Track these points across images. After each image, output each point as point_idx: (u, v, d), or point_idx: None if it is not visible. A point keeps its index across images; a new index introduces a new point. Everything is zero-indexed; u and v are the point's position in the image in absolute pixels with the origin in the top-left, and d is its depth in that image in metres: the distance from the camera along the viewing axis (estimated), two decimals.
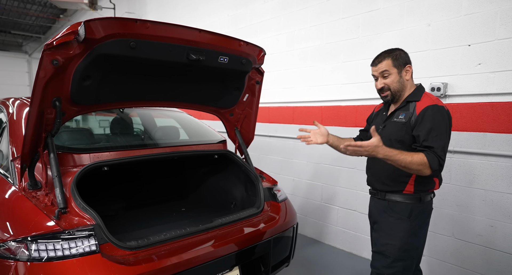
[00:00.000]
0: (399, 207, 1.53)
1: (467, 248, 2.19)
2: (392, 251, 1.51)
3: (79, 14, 9.41)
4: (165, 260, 1.41)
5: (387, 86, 1.55)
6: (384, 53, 1.57)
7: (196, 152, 2.07)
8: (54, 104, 1.38)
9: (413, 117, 1.48)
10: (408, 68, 1.56)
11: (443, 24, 2.22)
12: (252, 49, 1.80)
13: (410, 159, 1.38)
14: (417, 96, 1.54)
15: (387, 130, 1.58)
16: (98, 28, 1.26)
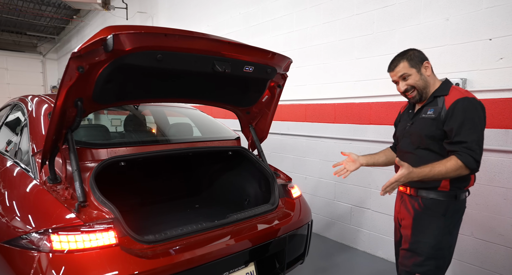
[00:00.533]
0: (433, 204, 1.48)
1: (487, 248, 2.13)
2: (424, 249, 1.47)
3: (92, 14, 9.57)
4: (182, 255, 1.42)
5: (411, 86, 1.52)
6: (398, 56, 1.55)
7: (210, 149, 2.07)
8: (76, 104, 1.40)
9: (443, 111, 1.45)
10: (426, 64, 1.52)
11: (463, 18, 2.17)
12: (280, 59, 1.76)
13: (445, 169, 1.37)
14: (444, 90, 1.50)
15: (416, 126, 1.55)
16: (127, 41, 1.25)
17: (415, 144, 1.54)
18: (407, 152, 1.58)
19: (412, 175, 1.37)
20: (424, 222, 1.49)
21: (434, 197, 1.48)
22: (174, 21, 5.58)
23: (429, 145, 1.49)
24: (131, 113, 2.56)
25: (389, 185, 1.36)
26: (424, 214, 1.50)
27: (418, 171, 1.38)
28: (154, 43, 1.32)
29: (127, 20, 6.96)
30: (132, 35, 1.25)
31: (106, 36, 1.22)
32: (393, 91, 2.63)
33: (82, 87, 1.34)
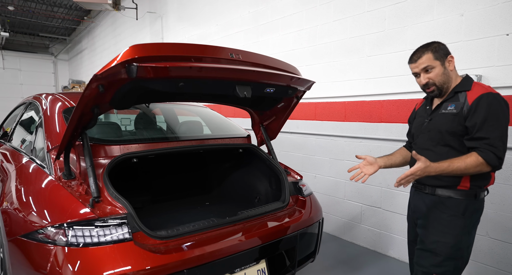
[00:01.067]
0: (452, 203, 1.45)
1: (503, 248, 2.09)
2: (443, 249, 1.43)
3: (102, 15, 9.70)
4: (194, 251, 1.42)
5: (432, 80, 1.47)
6: (422, 47, 1.50)
7: (221, 146, 2.08)
8: (93, 110, 1.41)
9: (466, 107, 1.41)
10: (450, 58, 1.48)
11: (478, 13, 2.12)
12: (303, 82, 1.74)
13: (464, 165, 1.33)
14: (466, 86, 1.46)
15: (436, 122, 1.51)
16: (151, 70, 1.22)
17: (434, 141, 1.50)
18: (425, 149, 1.53)
19: (429, 169, 1.33)
20: (443, 222, 1.45)
21: (454, 196, 1.45)
22: (184, 21, 5.61)
23: (449, 141, 1.45)
24: (141, 111, 2.59)
25: (404, 177, 1.33)
26: (443, 213, 1.46)
27: (436, 165, 1.34)
28: (178, 74, 1.30)
29: (136, 20, 7.03)
30: (157, 66, 1.22)
31: (129, 61, 1.17)
32: (405, 89, 2.60)
33: (101, 98, 1.35)
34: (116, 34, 8.88)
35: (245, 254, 1.58)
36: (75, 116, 1.36)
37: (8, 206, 1.61)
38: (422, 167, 1.32)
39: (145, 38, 7.04)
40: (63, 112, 1.95)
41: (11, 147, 2.34)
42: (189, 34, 5.46)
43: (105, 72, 1.20)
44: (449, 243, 1.42)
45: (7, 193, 1.71)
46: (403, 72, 2.60)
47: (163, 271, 1.32)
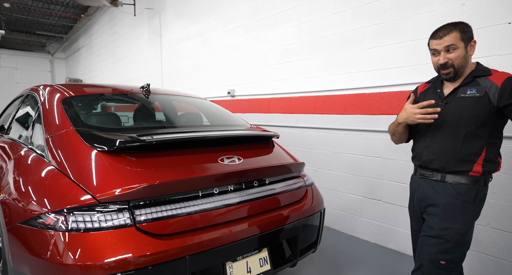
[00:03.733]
0: (465, 189, 1.43)
1: (504, 238, 2.09)
2: (454, 236, 1.40)
3: (99, 13, 9.65)
4: (196, 237, 1.40)
5: (451, 62, 1.43)
6: (450, 25, 1.44)
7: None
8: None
9: (493, 89, 1.38)
10: (473, 43, 1.45)
11: (480, 2, 2.12)
12: (297, 166, 2.01)
13: None
14: (486, 71, 1.45)
15: (454, 106, 1.46)
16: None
17: (452, 125, 1.45)
18: (439, 133, 1.49)
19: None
20: (456, 208, 1.43)
21: (465, 182, 1.43)
22: (182, 17, 5.59)
23: (469, 126, 1.42)
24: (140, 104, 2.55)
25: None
26: (456, 200, 1.43)
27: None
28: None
29: (134, 16, 6.99)
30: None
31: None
32: (406, 80, 2.59)
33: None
34: (113, 32, 8.83)
35: (247, 242, 1.57)
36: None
37: (6, 196, 1.58)
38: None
39: (143, 35, 7.00)
40: (62, 102, 1.93)
41: (10, 139, 2.31)
42: (188, 30, 5.43)
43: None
44: (461, 229, 1.41)
45: (6, 184, 1.68)
46: (404, 63, 2.60)
47: (165, 258, 1.30)
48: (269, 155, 1.97)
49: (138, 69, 7.40)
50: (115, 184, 1.36)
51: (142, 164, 1.50)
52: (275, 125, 3.82)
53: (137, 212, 1.32)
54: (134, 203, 1.34)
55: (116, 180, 1.39)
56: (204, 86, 5.16)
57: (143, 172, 1.46)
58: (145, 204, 1.35)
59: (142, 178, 1.41)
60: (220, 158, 1.68)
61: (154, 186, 1.37)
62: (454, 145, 1.44)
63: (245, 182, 1.67)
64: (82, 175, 1.41)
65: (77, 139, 1.58)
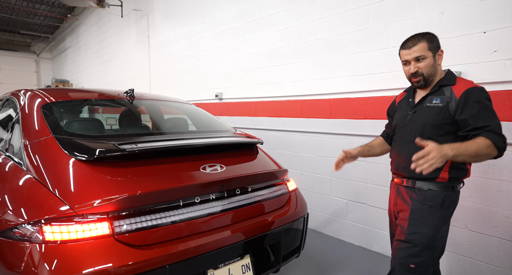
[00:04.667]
0: (432, 195, 1.48)
1: (481, 240, 2.15)
2: (422, 240, 1.45)
3: (87, 13, 9.50)
4: (177, 245, 1.40)
5: (421, 70, 1.48)
6: (418, 35, 1.50)
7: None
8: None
9: (453, 101, 1.42)
10: (441, 52, 1.51)
11: (457, 11, 2.18)
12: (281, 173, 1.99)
13: (475, 145, 1.28)
14: (451, 80, 1.49)
15: (420, 115, 1.52)
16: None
17: (417, 133, 1.51)
18: (408, 141, 1.56)
19: (444, 149, 1.23)
20: (423, 213, 1.48)
21: (433, 188, 1.48)
22: (170, 19, 5.55)
23: (432, 135, 1.47)
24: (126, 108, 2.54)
25: (423, 164, 1.21)
26: (423, 205, 1.49)
27: (448, 145, 1.26)
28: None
29: (122, 17, 6.92)
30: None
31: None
32: (389, 86, 2.64)
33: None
34: (101, 32, 8.71)
35: (229, 249, 1.57)
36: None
37: None
38: (435, 146, 1.23)
39: (131, 36, 6.93)
40: (42, 107, 1.89)
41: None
42: (176, 33, 5.41)
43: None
44: (428, 234, 1.45)
45: None
46: (387, 69, 2.65)
47: (144, 267, 1.29)
48: (253, 162, 1.98)
49: (126, 71, 7.32)
50: (94, 195, 1.35)
51: (123, 174, 1.49)
52: (262, 128, 3.84)
53: (116, 223, 1.31)
54: (114, 213, 1.33)
55: (95, 190, 1.37)
56: (192, 89, 5.14)
57: (123, 182, 1.45)
58: (125, 215, 1.34)
59: (122, 188, 1.40)
60: (202, 166, 1.68)
61: (134, 197, 1.36)
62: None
63: (227, 190, 1.68)
64: (60, 185, 1.39)
65: (56, 147, 1.56)
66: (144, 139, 1.80)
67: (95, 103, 2.56)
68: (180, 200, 1.51)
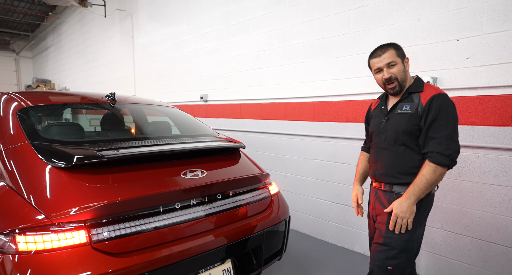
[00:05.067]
0: None
1: (455, 240, 2.23)
2: (399, 243, 1.51)
3: (69, 11, 9.28)
4: (156, 252, 1.40)
5: (395, 76, 1.53)
6: (384, 45, 1.57)
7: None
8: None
9: (420, 107, 1.49)
10: (407, 60, 1.58)
11: (433, 19, 2.25)
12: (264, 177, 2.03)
13: (424, 178, 1.44)
14: (419, 87, 1.55)
15: (393, 122, 1.58)
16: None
17: (392, 140, 1.57)
18: (383, 148, 1.62)
19: (406, 203, 1.45)
20: None
21: None
22: (155, 20, 5.50)
23: (405, 141, 1.53)
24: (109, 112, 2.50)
25: (395, 226, 1.48)
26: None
27: (407, 194, 1.46)
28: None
29: (105, 17, 6.80)
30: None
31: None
32: (370, 89, 2.70)
33: None
34: (84, 32, 8.53)
35: (210, 254, 1.58)
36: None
37: None
38: (397, 205, 1.47)
39: (115, 36, 6.82)
40: (18, 112, 1.85)
41: None
42: (160, 33, 5.35)
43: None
44: (405, 236, 1.50)
45: None
46: (368, 73, 2.70)
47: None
48: (234, 167, 1.99)
49: (110, 71, 7.20)
50: (71, 203, 1.33)
51: (102, 180, 1.48)
52: (247, 130, 3.86)
53: (93, 231, 1.30)
54: (91, 221, 1.32)
55: (73, 198, 1.36)
56: (177, 90, 5.11)
57: (102, 189, 1.44)
58: (102, 223, 1.33)
59: (100, 195, 1.39)
60: (183, 172, 1.68)
61: (112, 205, 1.35)
62: (396, 159, 1.54)
63: (208, 195, 1.69)
64: (36, 193, 1.36)
65: (32, 154, 1.53)
66: (124, 144, 1.79)
67: (74, 108, 2.51)
68: (160, 207, 1.51)
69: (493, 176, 2.04)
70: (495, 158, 2.03)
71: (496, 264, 2.06)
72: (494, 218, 2.05)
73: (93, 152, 1.54)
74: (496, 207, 2.04)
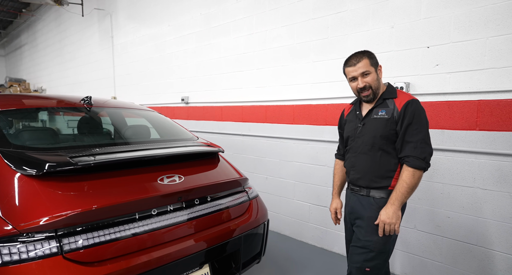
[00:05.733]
0: (384, 202, 1.58)
1: (427, 239, 2.32)
2: (377, 246, 1.55)
3: (45, 9, 8.97)
4: (132, 260, 1.39)
5: (369, 84, 1.59)
6: (358, 53, 1.62)
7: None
8: None
9: (396, 112, 1.55)
10: (380, 67, 1.64)
11: (405, 26, 2.34)
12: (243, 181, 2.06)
13: (404, 183, 1.49)
14: (393, 94, 1.61)
15: (369, 127, 1.62)
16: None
17: (369, 145, 1.61)
18: (360, 153, 1.65)
19: (391, 209, 1.50)
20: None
21: (385, 196, 1.58)
22: (135, 20, 5.40)
23: (382, 145, 1.58)
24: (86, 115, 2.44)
25: (388, 229, 1.51)
26: (377, 212, 1.58)
27: (392, 201, 1.50)
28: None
29: (82, 16, 6.62)
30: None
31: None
32: (347, 94, 2.77)
33: None
34: (61, 30, 8.26)
35: (187, 259, 1.58)
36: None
37: None
38: (383, 212, 1.51)
39: (94, 36, 6.65)
40: None
41: None
42: (141, 34, 5.27)
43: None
44: (382, 239, 1.56)
45: None
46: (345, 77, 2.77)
47: None
48: (213, 171, 2.00)
49: (89, 72, 7.01)
50: (41, 212, 1.30)
51: (75, 188, 1.45)
52: (228, 133, 3.86)
53: (65, 240, 1.27)
54: (63, 231, 1.29)
55: (43, 207, 1.32)
56: (158, 92, 5.04)
57: (75, 197, 1.41)
58: (75, 232, 1.31)
59: (72, 204, 1.36)
60: (160, 177, 1.67)
61: (84, 213, 1.33)
62: (373, 164, 1.59)
63: (186, 201, 1.68)
64: (3, 202, 1.32)
65: (0, 162, 1.48)
66: (100, 150, 1.75)
67: (49, 111, 2.44)
68: (136, 213, 1.49)
69: (461, 177, 2.14)
70: (462, 160, 2.13)
71: (464, 261, 2.16)
72: (461, 218, 2.15)
73: (66, 159, 1.51)
74: (463, 207, 2.14)
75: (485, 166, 2.04)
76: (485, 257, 2.08)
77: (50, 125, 3.60)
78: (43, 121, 3.28)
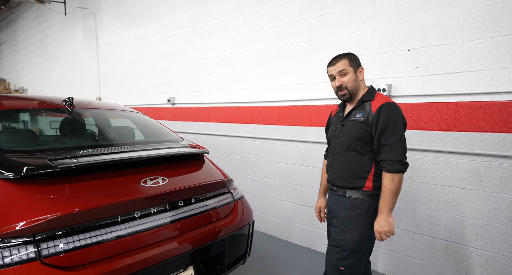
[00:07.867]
0: (359, 203, 1.61)
1: (408, 237, 2.38)
2: (350, 245, 1.59)
3: (25, 6, 8.72)
4: (113, 263, 1.37)
5: (345, 84, 1.64)
6: (340, 55, 1.68)
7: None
8: None
9: (370, 115, 1.59)
10: (361, 69, 1.68)
11: (387, 29, 2.39)
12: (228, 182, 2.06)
13: (387, 190, 1.52)
14: (371, 96, 1.65)
15: (347, 129, 1.66)
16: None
17: (345, 146, 1.66)
18: (337, 154, 1.70)
19: (382, 217, 1.53)
20: (351, 220, 1.62)
21: (360, 196, 1.62)
22: (119, 19, 5.32)
23: (356, 147, 1.62)
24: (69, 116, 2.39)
25: (384, 236, 1.54)
26: (351, 212, 1.62)
27: (381, 207, 1.54)
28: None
29: (65, 15, 6.47)
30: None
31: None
32: (332, 95, 2.81)
33: None
34: (42, 29, 8.05)
35: (171, 262, 1.57)
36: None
37: None
38: (379, 221, 1.54)
39: (77, 35, 6.51)
40: None
41: None
42: (125, 34, 5.19)
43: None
44: (354, 239, 1.59)
45: None
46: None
47: None
48: (197, 173, 1.99)
49: (73, 71, 6.85)
50: (18, 217, 1.27)
51: (55, 191, 1.42)
52: (214, 134, 3.85)
53: (43, 245, 1.24)
54: (42, 235, 1.26)
55: (21, 211, 1.29)
56: (144, 93, 4.98)
57: (55, 201, 1.38)
58: (54, 236, 1.28)
59: (52, 207, 1.33)
60: (144, 179, 1.65)
61: (64, 217, 1.30)
62: (348, 164, 1.63)
63: (169, 203, 1.67)
64: None
65: None
66: (81, 152, 1.73)
67: (30, 113, 2.38)
68: (119, 216, 1.48)
69: (440, 177, 2.21)
70: (441, 160, 2.20)
71: (443, 258, 2.23)
72: (441, 216, 2.22)
73: (45, 161, 1.47)
74: (442, 206, 2.21)
75: (462, 165, 2.11)
76: (462, 254, 2.15)
77: (32, 126, 3.51)
78: (25, 122, 3.20)
